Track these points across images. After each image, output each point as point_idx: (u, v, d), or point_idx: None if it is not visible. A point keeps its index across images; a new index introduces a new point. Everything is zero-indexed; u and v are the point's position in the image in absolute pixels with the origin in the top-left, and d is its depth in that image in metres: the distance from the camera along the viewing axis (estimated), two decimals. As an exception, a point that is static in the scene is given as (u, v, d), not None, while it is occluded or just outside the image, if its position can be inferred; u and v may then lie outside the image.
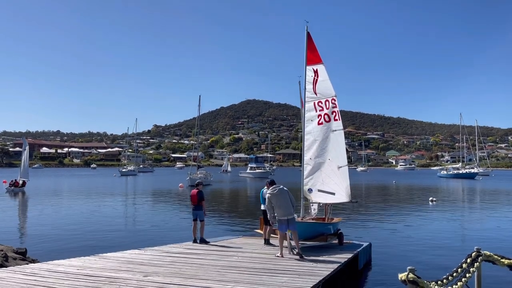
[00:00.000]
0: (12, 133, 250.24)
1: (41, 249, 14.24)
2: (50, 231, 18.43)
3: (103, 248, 13.19)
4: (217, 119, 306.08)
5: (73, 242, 15.83)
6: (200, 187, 12.67)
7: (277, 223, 10.39)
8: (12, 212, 26.63)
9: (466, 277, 6.23)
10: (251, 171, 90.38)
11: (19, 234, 18.33)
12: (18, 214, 26.10)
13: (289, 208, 10.20)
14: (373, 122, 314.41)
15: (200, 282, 7.51)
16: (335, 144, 12.95)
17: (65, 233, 17.97)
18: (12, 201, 33.68)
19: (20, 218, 24.48)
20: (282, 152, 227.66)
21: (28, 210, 28.47)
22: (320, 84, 13.01)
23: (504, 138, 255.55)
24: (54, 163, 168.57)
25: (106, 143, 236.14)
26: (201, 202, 12.32)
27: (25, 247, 12.47)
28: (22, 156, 44.72)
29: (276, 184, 10.76)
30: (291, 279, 7.83)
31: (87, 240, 16.16)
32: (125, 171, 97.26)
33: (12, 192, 41.05)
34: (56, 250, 13.82)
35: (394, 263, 12.12)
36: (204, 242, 12.30)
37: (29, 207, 30.36)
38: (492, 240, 16.54)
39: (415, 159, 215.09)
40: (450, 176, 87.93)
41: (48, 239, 16.50)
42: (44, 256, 11.90)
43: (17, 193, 40.22)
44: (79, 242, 15.81)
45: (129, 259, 9.83)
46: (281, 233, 10.40)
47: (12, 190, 41.62)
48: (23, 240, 16.25)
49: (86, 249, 13.08)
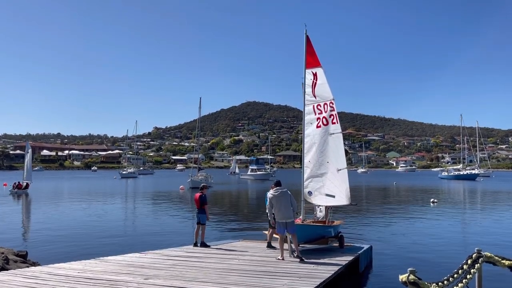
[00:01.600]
0: (12, 135, 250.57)
1: (42, 252, 14.23)
2: (51, 234, 18.43)
3: (104, 251, 13.19)
4: (218, 121, 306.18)
5: (74, 245, 15.82)
6: (204, 191, 12.63)
7: (276, 225, 10.43)
8: (14, 214, 26.62)
9: (467, 278, 6.23)
10: (252, 173, 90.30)
11: (20, 236, 18.32)
12: (20, 217, 26.10)
13: (288, 212, 10.19)
14: (374, 123, 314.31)
15: (201, 285, 7.51)
16: (333, 147, 13.02)
17: (66, 236, 17.96)
18: (14, 204, 33.73)
19: (21, 220, 24.49)
20: (282, 154, 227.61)
21: (30, 213, 28.47)
22: (318, 87, 13.06)
23: (505, 139, 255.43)
24: (55, 165, 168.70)
25: (107, 145, 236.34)
26: (203, 205, 12.31)
27: (26, 249, 12.48)
28: (26, 159, 45.59)
29: (281, 185, 10.71)
30: (291, 281, 7.82)
31: (88, 243, 16.15)
32: (126, 174, 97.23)
33: (15, 194, 41.61)
34: (57, 253, 13.83)
35: (395, 266, 12.09)
36: (204, 245, 12.29)
37: (30, 210, 30.37)
38: (493, 241, 16.51)
39: (415, 160, 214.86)
40: (451, 177, 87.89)
41: (49, 242, 16.50)
42: (45, 259, 11.90)
43: (21, 195, 40.73)
44: (80, 245, 15.80)
45: (130, 262, 9.83)
46: (280, 236, 10.40)
47: (16, 192, 42.23)
48: (24, 243, 16.25)
49: (87, 252, 13.09)
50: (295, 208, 10.41)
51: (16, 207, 31.52)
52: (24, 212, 29.09)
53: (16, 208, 31.05)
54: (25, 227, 21.72)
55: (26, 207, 31.82)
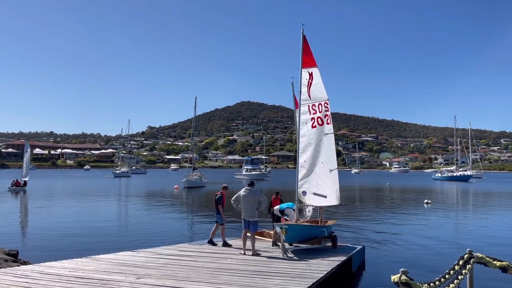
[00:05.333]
0: (4, 134, 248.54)
1: (33, 250, 14.12)
2: (42, 232, 18.30)
3: (96, 249, 13.09)
4: (212, 121, 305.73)
5: (66, 243, 15.72)
6: (223, 191, 12.50)
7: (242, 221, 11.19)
8: (7, 213, 26.37)
9: (459, 279, 6.26)
10: (247, 172, 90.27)
11: (11, 235, 18.12)
12: (12, 215, 25.85)
13: (252, 212, 10.98)
14: (367, 124, 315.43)
15: (193, 284, 7.49)
16: (327, 148, 13.12)
17: (57, 234, 17.83)
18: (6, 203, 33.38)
19: (13, 219, 24.24)
20: (276, 154, 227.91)
21: (21, 212, 28.27)
22: (314, 87, 13.10)
23: (497, 141, 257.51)
24: (47, 164, 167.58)
25: (100, 144, 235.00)
26: (217, 206, 12.21)
27: (17, 248, 12.37)
28: (24, 158, 47.66)
29: (253, 186, 11.37)
30: (284, 281, 7.82)
31: (79, 242, 16.06)
32: (119, 173, 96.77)
33: (14, 191, 43.12)
34: (49, 252, 13.71)
35: (388, 266, 12.14)
36: (226, 245, 12.15)
37: (27, 208, 30.20)
38: (484, 242, 16.62)
39: (408, 161, 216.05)
40: (445, 178, 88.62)
41: (41, 240, 16.38)
42: (36, 258, 11.80)
43: (18, 192, 42.30)
44: (72, 243, 15.71)
45: (122, 261, 9.78)
46: (244, 231, 11.09)
47: (14, 189, 43.81)
48: (15, 242, 16.07)
49: (78, 251, 13.01)
50: (263, 207, 11.25)
51: (13, 205, 31.22)
52: (18, 210, 28.85)
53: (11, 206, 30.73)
54: (17, 226, 21.51)
55: (23, 205, 31.72)
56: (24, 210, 29.30)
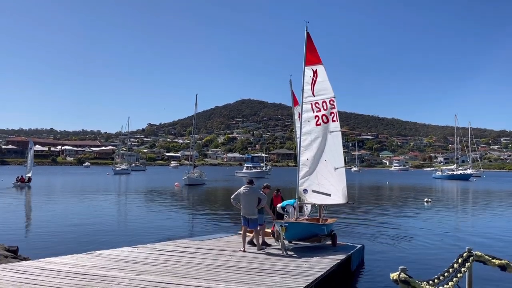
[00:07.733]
0: (5, 130, 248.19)
1: (33, 246, 14.13)
2: (42, 228, 18.33)
3: (96, 245, 13.12)
4: (212, 119, 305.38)
5: (66, 239, 15.73)
6: (265, 190, 11.97)
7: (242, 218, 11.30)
8: (4, 210, 26.38)
9: (457, 277, 6.27)
10: (248, 170, 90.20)
11: (11, 231, 18.12)
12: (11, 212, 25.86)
13: (251, 209, 11.05)
14: (368, 123, 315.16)
15: (192, 281, 7.49)
16: (332, 146, 12.89)
17: (57, 230, 17.85)
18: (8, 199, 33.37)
19: (13, 215, 24.25)
20: (276, 152, 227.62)
21: (20, 208, 28.29)
22: (318, 84, 12.90)
23: (497, 140, 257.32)
24: (47, 161, 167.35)
25: (100, 141, 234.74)
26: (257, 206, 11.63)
27: (17, 244, 12.36)
28: (29, 155, 49.87)
29: (253, 185, 11.39)
30: (283, 279, 7.83)
31: (79, 238, 16.06)
32: (119, 170, 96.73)
33: (18, 187, 44.43)
34: (48, 248, 13.73)
35: (387, 265, 12.13)
36: (265, 244, 11.63)
37: (21, 205, 30.17)
38: (483, 240, 16.64)
39: (408, 160, 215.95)
40: (445, 177, 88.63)
41: (40, 236, 16.41)
42: (36, 254, 11.77)
43: (23, 188, 43.51)
44: (72, 239, 15.72)
45: (122, 257, 9.78)
46: (243, 228, 11.16)
47: (19, 185, 45.11)
48: (15, 238, 16.07)
49: (78, 247, 13.00)
50: (262, 204, 11.29)
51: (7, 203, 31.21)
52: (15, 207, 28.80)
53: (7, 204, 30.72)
54: (17, 222, 21.49)
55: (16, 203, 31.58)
56: (28, 206, 29.42)
